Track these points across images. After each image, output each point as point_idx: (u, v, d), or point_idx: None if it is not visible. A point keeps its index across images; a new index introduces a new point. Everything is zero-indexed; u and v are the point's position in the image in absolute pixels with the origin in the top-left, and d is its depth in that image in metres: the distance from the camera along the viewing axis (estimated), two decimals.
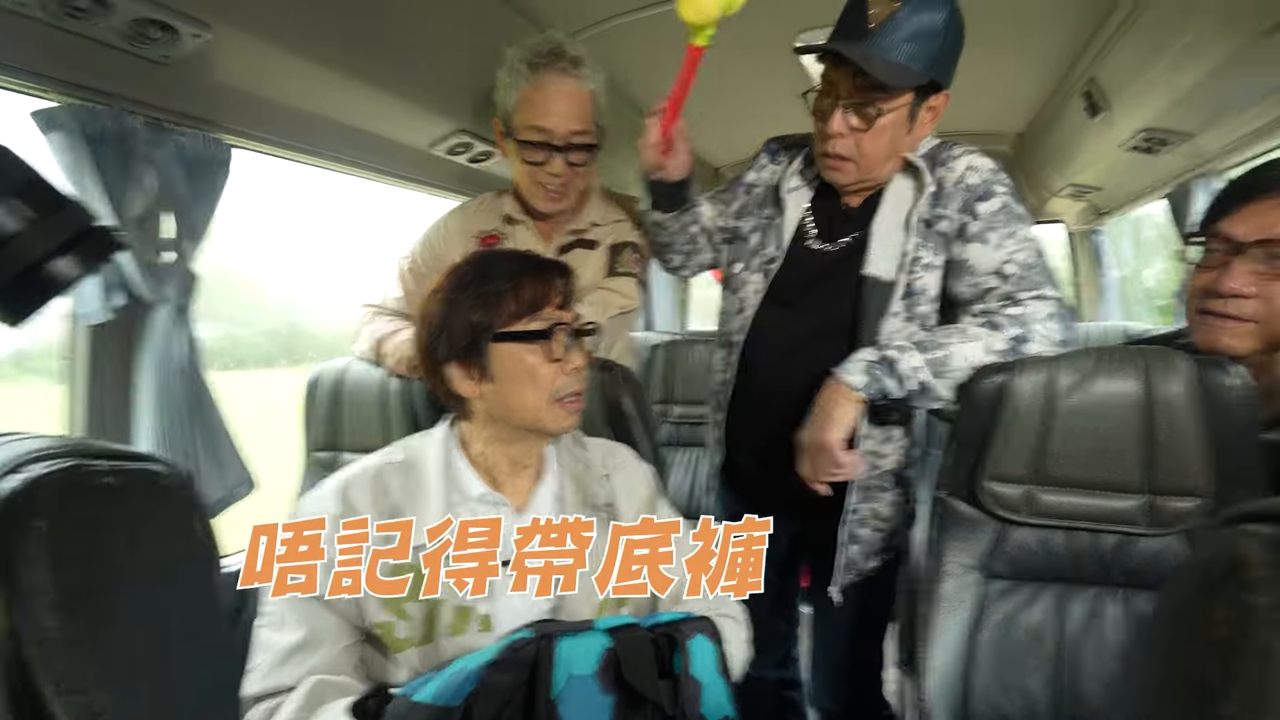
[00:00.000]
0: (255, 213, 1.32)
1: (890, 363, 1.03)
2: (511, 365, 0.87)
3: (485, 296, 0.86)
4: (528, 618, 0.90)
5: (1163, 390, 0.91)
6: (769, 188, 1.27)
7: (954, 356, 1.02)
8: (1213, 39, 1.44)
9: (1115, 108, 1.91)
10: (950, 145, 1.14)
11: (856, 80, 1.01)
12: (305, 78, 1.34)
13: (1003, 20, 1.74)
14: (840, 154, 1.08)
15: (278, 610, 0.84)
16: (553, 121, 1.27)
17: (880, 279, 1.11)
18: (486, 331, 0.86)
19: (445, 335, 0.86)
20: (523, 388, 0.87)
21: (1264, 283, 0.89)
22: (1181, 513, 0.90)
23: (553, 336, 0.87)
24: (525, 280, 0.87)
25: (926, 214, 1.10)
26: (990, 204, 1.07)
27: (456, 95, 1.64)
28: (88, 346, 1.19)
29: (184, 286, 1.21)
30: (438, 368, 0.89)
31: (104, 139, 1.11)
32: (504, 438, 0.91)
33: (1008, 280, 1.05)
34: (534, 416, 0.88)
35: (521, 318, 0.87)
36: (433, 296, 0.89)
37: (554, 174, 1.30)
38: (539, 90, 1.27)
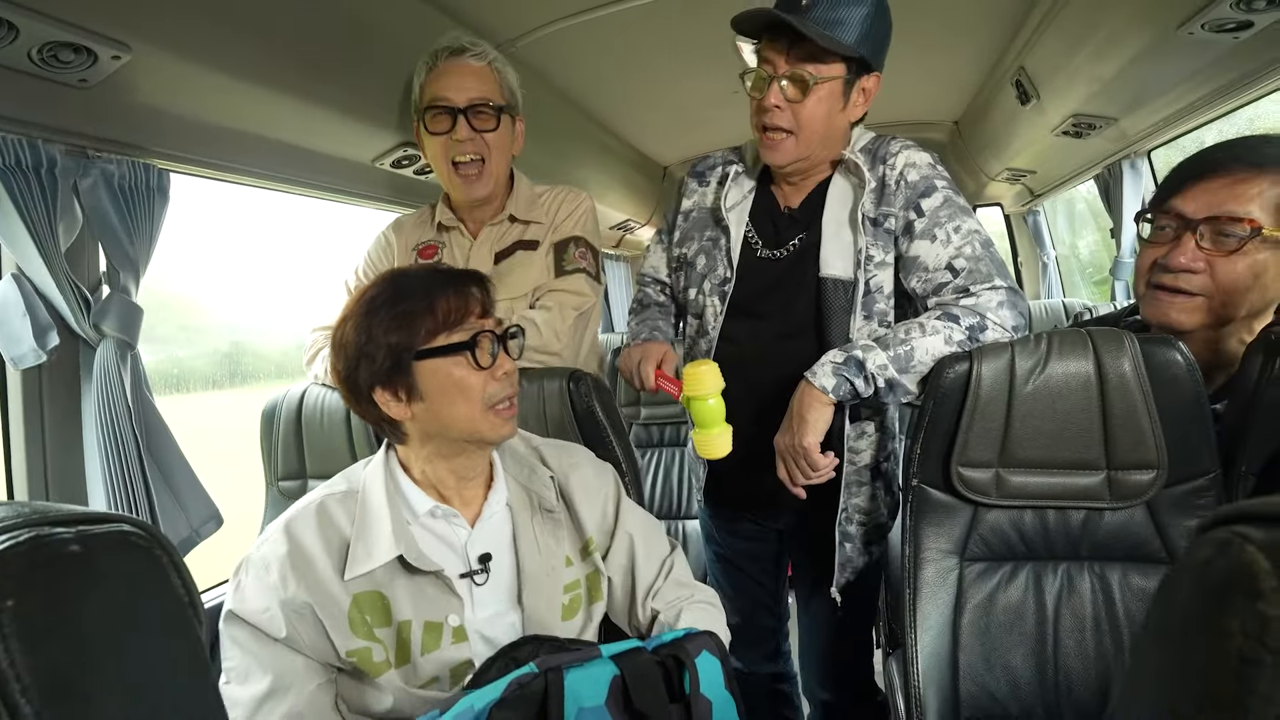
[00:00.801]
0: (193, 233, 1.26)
1: (858, 362, 1.05)
2: (439, 381, 0.85)
3: (400, 317, 0.84)
4: (499, 626, 0.90)
5: (1113, 369, 0.95)
6: (706, 210, 1.29)
7: (916, 351, 1.05)
8: (1129, 31, 1.52)
9: (1044, 95, 2.00)
10: (887, 139, 1.17)
11: (792, 52, 1.06)
12: (238, 96, 1.28)
13: (936, 13, 1.79)
14: (779, 125, 1.09)
15: (239, 663, 0.82)
16: (450, 91, 1.30)
17: (839, 278, 1.14)
18: (407, 351, 0.83)
19: (364, 361, 0.84)
20: (454, 401, 0.85)
21: (1212, 258, 0.93)
22: (1140, 485, 0.95)
23: (477, 346, 0.86)
24: (439, 295, 0.85)
25: (872, 212, 1.13)
26: (933, 199, 1.10)
27: (397, 107, 1.60)
28: (21, 392, 1.11)
29: (125, 321, 1.14)
30: (362, 394, 0.86)
31: (21, 169, 1.04)
32: (444, 453, 0.90)
33: (959, 274, 1.08)
34: (470, 428, 0.87)
35: (441, 333, 0.85)
36: (344, 324, 0.86)
37: (459, 140, 1.30)
38: (436, 71, 1.32)
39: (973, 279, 1.08)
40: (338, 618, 0.83)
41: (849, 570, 1.23)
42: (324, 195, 1.74)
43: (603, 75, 2.05)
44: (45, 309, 1.09)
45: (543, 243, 1.39)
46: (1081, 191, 3.53)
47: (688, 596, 1.02)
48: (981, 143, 2.77)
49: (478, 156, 1.32)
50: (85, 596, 0.42)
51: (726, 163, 1.29)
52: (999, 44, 2.01)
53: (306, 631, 0.83)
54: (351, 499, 0.89)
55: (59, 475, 1.15)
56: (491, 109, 1.31)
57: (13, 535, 0.41)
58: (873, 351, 1.06)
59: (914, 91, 2.51)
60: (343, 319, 0.87)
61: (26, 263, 1.08)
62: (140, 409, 1.16)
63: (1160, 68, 1.61)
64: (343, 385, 0.88)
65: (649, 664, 0.74)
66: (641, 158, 2.99)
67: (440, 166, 1.34)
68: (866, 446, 1.22)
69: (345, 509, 0.88)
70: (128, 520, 0.47)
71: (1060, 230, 3.63)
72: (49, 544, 0.41)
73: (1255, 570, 0.24)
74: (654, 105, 2.37)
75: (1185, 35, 1.39)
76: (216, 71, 1.19)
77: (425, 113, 1.31)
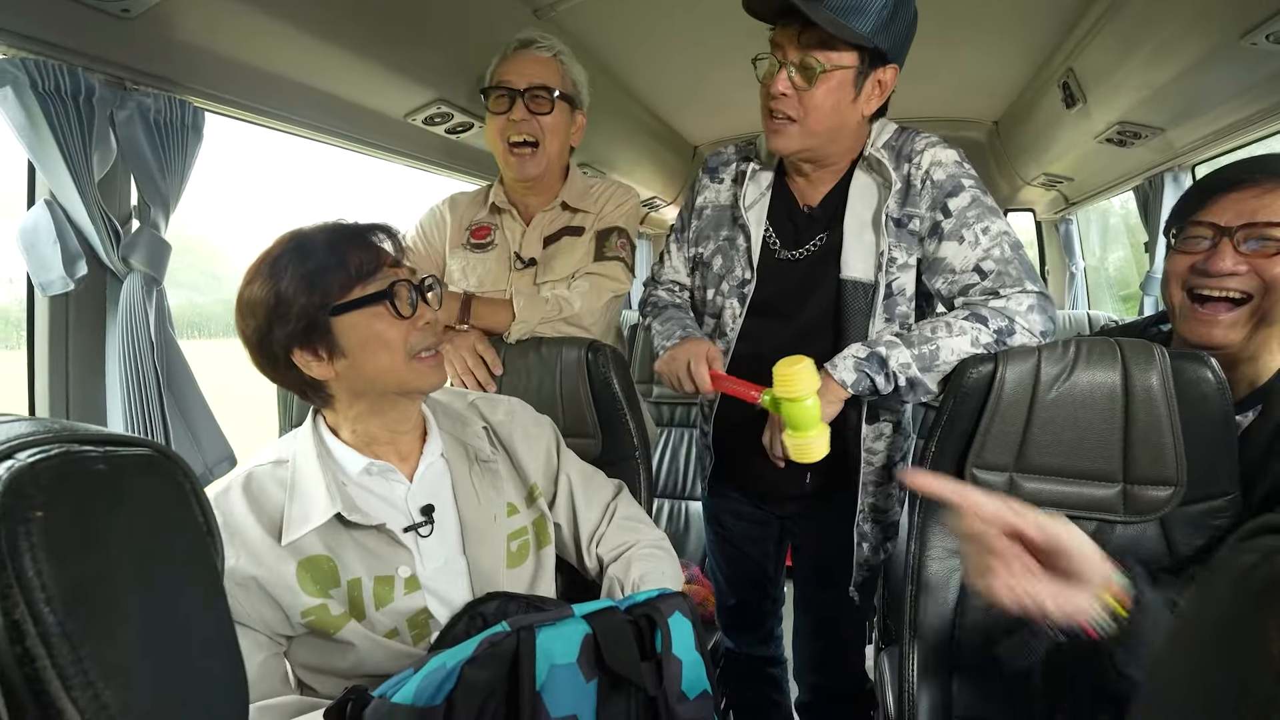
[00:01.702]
0: (220, 178, 1.26)
1: (880, 359, 1.04)
2: (359, 335, 0.83)
3: (310, 275, 0.81)
4: (449, 575, 0.91)
5: (1139, 382, 0.94)
6: (721, 208, 1.26)
7: (941, 350, 1.03)
8: (1188, 37, 1.47)
9: (1091, 99, 1.94)
10: (912, 134, 1.13)
11: (801, 38, 1.02)
12: (276, 38, 1.27)
13: (984, 9, 1.75)
14: (785, 112, 1.06)
15: None
16: (512, 75, 1.35)
17: (860, 281, 1.12)
18: (322, 309, 0.81)
19: (276, 323, 0.81)
20: (376, 354, 0.84)
21: (1253, 261, 0.94)
22: (1156, 501, 0.94)
23: (395, 295, 0.84)
24: (348, 249, 0.83)
25: (897, 213, 1.10)
26: (960, 199, 1.07)
27: (435, 63, 1.59)
28: (48, 318, 1.13)
29: (153, 256, 1.15)
30: (279, 358, 0.83)
31: (60, 95, 1.04)
32: (375, 409, 0.89)
33: (987, 277, 1.06)
34: (397, 379, 0.86)
35: (355, 286, 0.83)
36: (250, 284, 0.83)
37: (514, 120, 1.33)
38: (505, 61, 1.38)
39: (1001, 282, 1.06)
40: (286, 583, 0.82)
41: (865, 568, 1.24)
42: (353, 147, 1.73)
43: (639, 49, 2.02)
44: (76, 238, 1.10)
45: (588, 230, 1.42)
46: (1115, 206, 3.46)
47: (634, 542, 1.02)
48: (1020, 145, 2.71)
49: (531, 138, 1.34)
50: (111, 515, 0.43)
51: (742, 158, 1.26)
52: (1049, 44, 1.96)
53: (251, 604, 0.82)
54: (282, 468, 0.87)
55: (80, 404, 1.16)
56: (548, 94, 1.34)
57: (44, 449, 0.41)
58: (896, 348, 1.04)
59: (954, 88, 2.45)
60: (248, 280, 0.83)
61: (60, 190, 1.08)
62: (163, 344, 1.17)
63: (1216, 78, 1.56)
64: (255, 350, 0.85)
65: (621, 623, 0.75)
66: (672, 135, 2.95)
67: (497, 145, 1.37)
68: (884, 447, 1.22)
69: (275, 478, 0.86)
70: (153, 445, 0.48)
71: (1091, 243, 3.57)
72: (78, 460, 0.42)
73: None
74: (688, 83, 2.34)
75: (1247, 45, 1.35)
76: (256, 11, 1.18)
77: (489, 94, 1.36)
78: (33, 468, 0.39)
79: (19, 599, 0.37)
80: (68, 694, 0.38)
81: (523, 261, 1.41)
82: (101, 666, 0.39)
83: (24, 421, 0.45)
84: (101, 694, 0.39)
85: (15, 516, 0.37)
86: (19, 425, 0.44)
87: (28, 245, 1.08)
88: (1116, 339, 0.99)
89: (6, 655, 0.37)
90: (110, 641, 0.40)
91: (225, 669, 0.48)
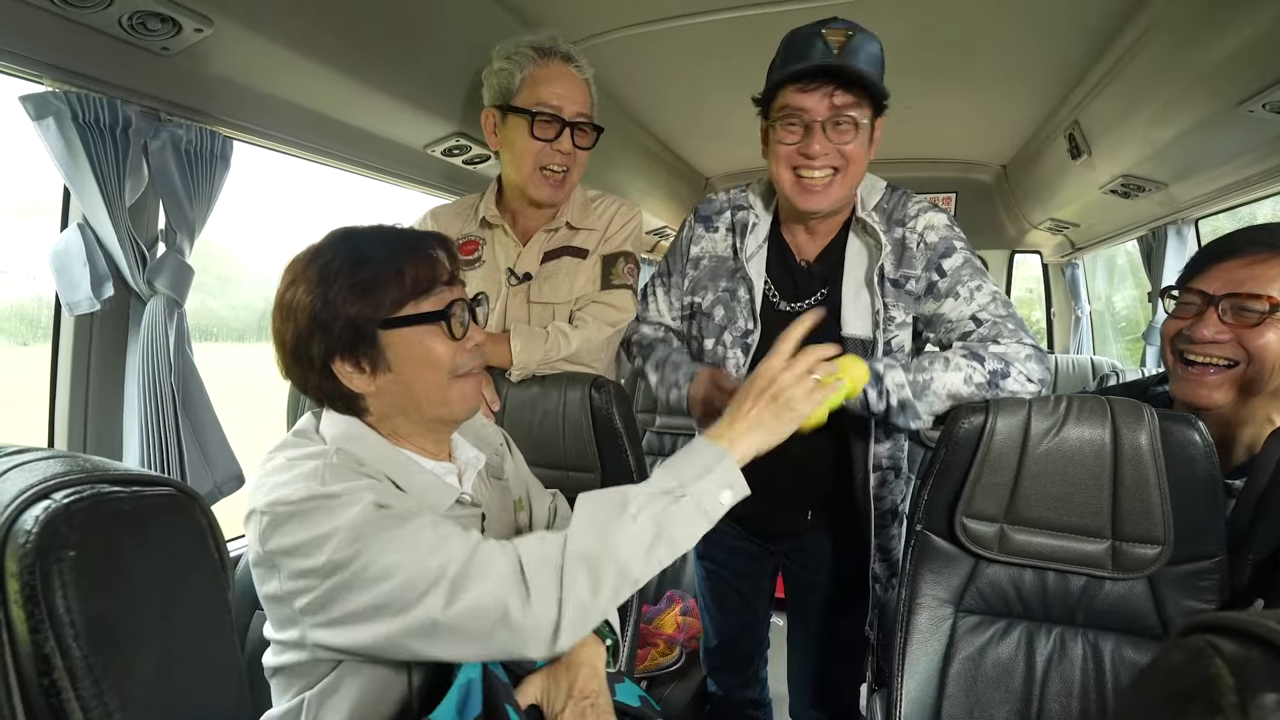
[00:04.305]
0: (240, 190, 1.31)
1: (876, 374, 1.08)
2: (408, 351, 0.79)
3: (364, 284, 0.76)
4: None
5: (1128, 441, 0.96)
6: (719, 259, 1.28)
7: (934, 383, 1.08)
8: (1189, 100, 1.51)
9: (1096, 152, 1.98)
10: (903, 197, 1.19)
11: (835, 99, 1.08)
12: (304, 74, 1.33)
13: (996, 58, 1.79)
14: (829, 166, 1.11)
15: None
16: (562, 100, 1.30)
17: (860, 338, 1.17)
18: (371, 321, 0.77)
19: (319, 331, 0.76)
20: (423, 371, 0.80)
21: (1236, 330, 0.98)
22: (1143, 559, 0.95)
23: (452, 315, 0.81)
24: (405, 260, 0.79)
25: (893, 274, 1.15)
26: (953, 259, 1.13)
27: (455, 98, 1.64)
28: (73, 336, 1.17)
29: (176, 280, 1.19)
30: (314, 366, 0.78)
31: (98, 126, 1.09)
32: (403, 433, 0.84)
33: (983, 325, 1.11)
34: (440, 398, 0.82)
35: (409, 301, 0.78)
36: (293, 286, 0.77)
37: (562, 151, 1.30)
38: (547, 70, 1.30)
39: (998, 330, 1.11)
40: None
41: (876, 607, 1.27)
42: (373, 175, 1.79)
43: (655, 83, 2.08)
44: (104, 260, 1.14)
45: (592, 253, 1.39)
46: (1126, 245, 3.49)
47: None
48: (1027, 190, 2.75)
49: (566, 168, 1.33)
50: (136, 553, 0.46)
51: (735, 208, 1.28)
52: (1056, 95, 2.00)
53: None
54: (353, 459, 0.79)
55: (98, 419, 1.20)
56: (591, 128, 1.34)
57: (77, 490, 0.44)
58: (893, 369, 1.09)
59: (965, 131, 2.51)
60: (290, 280, 0.78)
61: (92, 214, 1.13)
62: (181, 365, 1.21)
63: (1216, 140, 1.60)
64: (287, 355, 0.79)
65: None
66: (684, 166, 3.01)
67: (525, 166, 1.31)
68: (887, 494, 1.26)
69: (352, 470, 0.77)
70: (175, 484, 0.51)
71: (1099, 283, 3.59)
72: (109, 501, 0.45)
73: (1219, 685, 0.25)
74: (702, 116, 2.39)
75: (1245, 112, 1.38)
76: (288, 49, 1.24)
77: (533, 116, 1.28)
78: (67, 509, 0.42)
79: (49, 634, 0.40)
80: None
81: (517, 277, 1.37)
82: (120, 697, 0.42)
83: (57, 459, 0.48)
84: None
85: (51, 556, 0.40)
86: (54, 464, 0.47)
87: (58, 267, 1.13)
88: (1107, 397, 1.01)
89: (34, 686, 0.40)
90: (128, 674, 0.43)
91: (233, 700, 0.50)
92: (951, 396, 1.07)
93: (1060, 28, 1.59)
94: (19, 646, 0.41)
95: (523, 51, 1.31)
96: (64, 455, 0.51)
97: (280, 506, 0.69)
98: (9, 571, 0.41)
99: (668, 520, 0.76)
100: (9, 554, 0.42)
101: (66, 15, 0.98)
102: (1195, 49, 1.37)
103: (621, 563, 0.72)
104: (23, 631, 0.41)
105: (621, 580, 0.73)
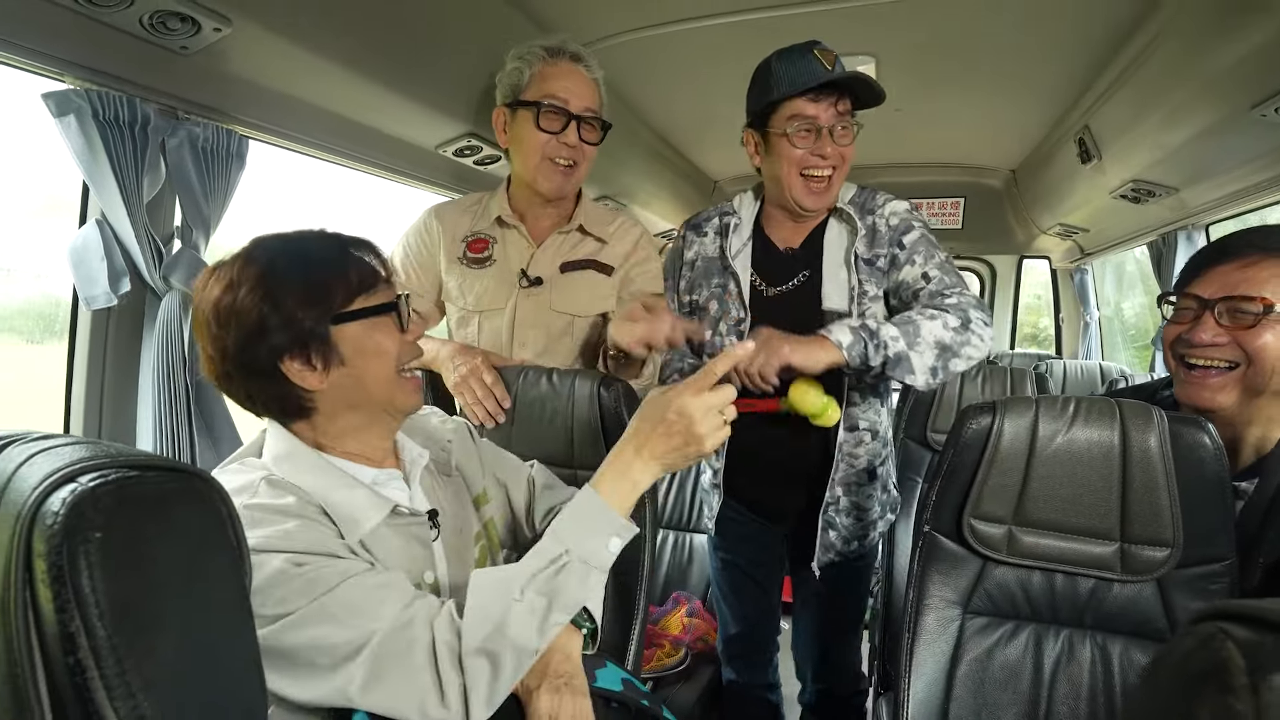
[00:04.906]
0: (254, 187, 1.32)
1: (870, 330, 1.14)
2: (359, 345, 0.81)
3: (313, 283, 0.79)
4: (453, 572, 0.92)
5: (1137, 443, 0.96)
6: (710, 259, 1.42)
7: (922, 329, 1.15)
8: (1200, 104, 1.51)
9: (1106, 156, 1.98)
10: (871, 193, 1.36)
11: (838, 106, 1.24)
12: (320, 75, 1.34)
13: (1005, 63, 1.80)
14: (834, 165, 1.27)
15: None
16: (569, 94, 1.33)
17: (838, 311, 1.31)
18: (323, 318, 0.79)
19: (270, 332, 0.77)
20: (373, 363, 0.83)
21: (1233, 333, 0.99)
22: (1152, 561, 0.95)
23: (398, 310, 0.85)
24: (352, 259, 0.82)
25: (866, 254, 1.31)
26: (911, 235, 1.29)
27: (467, 99, 1.66)
28: (89, 330, 1.19)
29: (192, 274, 1.21)
30: (262, 369, 0.78)
31: (118, 123, 1.11)
32: (356, 425, 0.86)
33: (931, 281, 1.24)
34: (387, 391, 0.84)
35: (356, 297, 0.81)
36: (229, 293, 0.77)
37: (568, 144, 1.34)
38: (555, 67, 1.34)
39: (944, 286, 1.22)
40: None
41: (831, 553, 1.38)
42: (384, 175, 1.81)
43: (664, 86, 2.09)
44: (122, 256, 1.16)
45: (617, 270, 1.42)
46: (1135, 253, 3.47)
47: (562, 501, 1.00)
48: (1036, 195, 2.74)
49: (572, 162, 1.35)
50: (158, 537, 0.47)
51: (723, 214, 1.43)
52: (1066, 100, 2.00)
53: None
54: (280, 494, 0.78)
55: (113, 412, 1.22)
56: (598, 123, 1.37)
57: (103, 474, 0.45)
58: (884, 325, 1.15)
59: (974, 136, 2.51)
60: (226, 286, 0.77)
61: (111, 210, 1.15)
62: (194, 360, 1.22)
63: (1228, 145, 1.60)
64: (232, 361, 0.78)
65: None
66: (692, 168, 3.02)
67: (532, 158, 1.34)
68: (864, 454, 1.36)
69: (278, 509, 0.76)
70: (195, 471, 0.52)
71: (1108, 290, 3.57)
72: (133, 485, 0.46)
73: (1230, 666, 0.26)
74: (709, 119, 2.40)
75: (1257, 116, 1.38)
76: (304, 50, 1.25)
77: (539, 108, 1.31)
78: (94, 492, 0.43)
79: (75, 613, 0.41)
80: (111, 703, 0.41)
81: (529, 280, 1.38)
82: (142, 679, 0.43)
83: (82, 445, 0.49)
84: (140, 705, 0.42)
85: (77, 537, 0.41)
86: (79, 449, 0.48)
87: (76, 262, 1.14)
88: (1116, 399, 1.01)
89: (59, 664, 0.41)
90: (150, 656, 0.44)
91: (249, 685, 0.51)
92: (938, 344, 1.14)
93: (1070, 33, 1.59)
94: (45, 626, 0.42)
95: (533, 51, 1.34)
96: (87, 441, 0.52)
97: None
98: (36, 552, 0.42)
99: (556, 589, 0.79)
100: (36, 535, 0.42)
101: (89, 14, 1.00)
102: (1206, 53, 1.37)
103: (518, 644, 0.75)
104: (49, 611, 0.42)
105: (521, 657, 0.76)
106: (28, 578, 0.42)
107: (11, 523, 0.42)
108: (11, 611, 0.41)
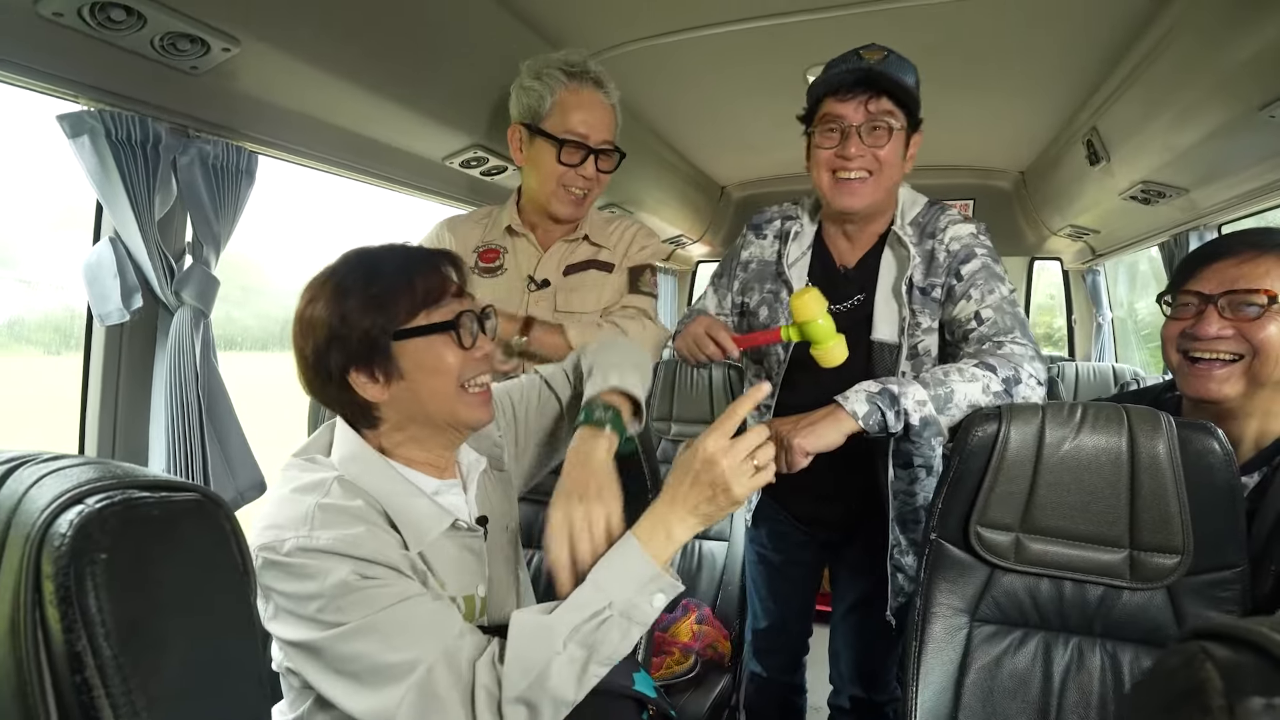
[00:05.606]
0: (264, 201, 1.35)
1: (891, 396, 1.07)
2: (418, 360, 0.82)
3: (378, 298, 0.80)
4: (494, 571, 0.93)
5: (1145, 449, 0.95)
6: (766, 263, 1.37)
7: (956, 394, 1.07)
8: (1209, 105, 1.50)
9: (1115, 158, 1.96)
10: (937, 211, 1.27)
11: (869, 106, 1.17)
12: (328, 91, 1.36)
13: (1013, 64, 1.79)
14: (864, 168, 1.19)
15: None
16: (590, 127, 1.37)
17: (887, 342, 1.23)
18: (385, 332, 0.81)
19: (336, 343, 0.80)
20: (432, 378, 0.83)
21: (1236, 324, 0.99)
22: (1162, 569, 0.94)
23: (460, 325, 0.84)
24: (416, 274, 0.83)
25: (921, 282, 1.23)
26: (971, 265, 1.19)
27: (474, 111, 1.67)
28: (103, 346, 1.21)
29: (202, 291, 1.23)
30: (332, 378, 0.81)
31: (130, 143, 1.13)
32: (419, 437, 0.88)
33: (984, 324, 1.15)
34: (448, 406, 0.85)
35: (420, 311, 0.82)
36: (312, 303, 0.81)
37: (585, 177, 1.38)
38: (577, 96, 1.36)
39: (997, 330, 1.13)
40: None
41: (901, 596, 1.32)
42: (393, 187, 1.83)
43: (672, 93, 2.10)
44: (134, 272, 1.18)
45: (618, 266, 1.46)
46: (1149, 251, 3.43)
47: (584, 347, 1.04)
48: (1046, 196, 2.72)
49: (587, 191, 1.41)
50: (164, 557, 0.48)
51: (785, 218, 1.37)
52: (1074, 101, 1.99)
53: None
54: (351, 495, 0.80)
55: (126, 426, 1.24)
56: (614, 153, 1.41)
57: (108, 495, 0.46)
58: (911, 386, 1.07)
59: (983, 137, 2.49)
60: (309, 298, 0.82)
61: (123, 228, 1.17)
62: (206, 374, 1.24)
63: (1237, 145, 1.58)
64: (309, 369, 0.83)
65: None
66: (700, 175, 3.02)
67: (548, 184, 1.38)
68: (920, 490, 1.30)
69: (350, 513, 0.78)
70: (200, 490, 0.53)
71: (1120, 290, 3.53)
72: (139, 506, 0.47)
73: (1208, 688, 0.26)
74: (717, 126, 2.41)
75: (1267, 116, 1.36)
76: (312, 67, 1.27)
77: (557, 131, 1.35)
78: (100, 514, 0.44)
79: (82, 633, 0.42)
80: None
81: (536, 283, 1.43)
82: (147, 697, 0.44)
83: (90, 466, 0.50)
84: None
85: (84, 558, 0.42)
86: (86, 470, 0.49)
87: (90, 279, 1.17)
88: (1124, 405, 1.00)
89: (66, 683, 0.42)
90: (156, 674, 0.45)
91: (254, 704, 0.52)
92: (972, 407, 1.07)
93: (1078, 33, 1.58)
94: (53, 645, 0.43)
95: (553, 73, 1.36)
96: (96, 462, 0.53)
97: (267, 553, 0.73)
98: (45, 573, 0.43)
99: (597, 642, 0.78)
100: (45, 556, 0.44)
101: (102, 37, 1.02)
102: (1215, 53, 1.36)
103: (556, 695, 0.75)
104: (57, 630, 0.43)
105: (558, 707, 0.76)
106: (37, 598, 0.43)
107: (22, 544, 0.44)
108: (22, 632, 0.42)
